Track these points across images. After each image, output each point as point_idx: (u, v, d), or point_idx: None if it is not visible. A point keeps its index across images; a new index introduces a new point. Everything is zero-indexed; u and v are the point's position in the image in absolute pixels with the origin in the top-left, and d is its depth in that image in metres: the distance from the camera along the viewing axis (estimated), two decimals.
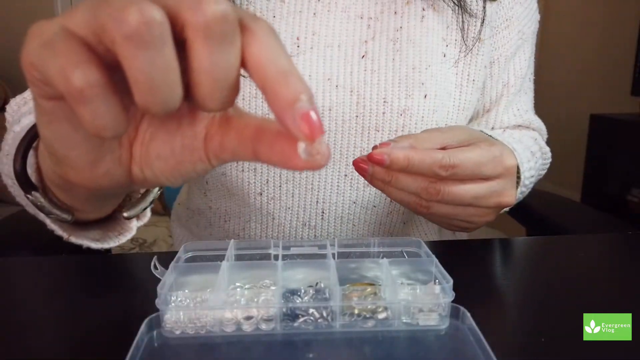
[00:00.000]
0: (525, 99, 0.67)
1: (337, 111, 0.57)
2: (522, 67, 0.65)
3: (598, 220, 0.73)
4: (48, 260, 0.51)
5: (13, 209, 0.66)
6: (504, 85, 0.64)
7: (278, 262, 0.38)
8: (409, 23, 0.58)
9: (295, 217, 0.60)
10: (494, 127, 0.65)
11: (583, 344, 0.33)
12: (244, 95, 0.57)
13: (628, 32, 2.25)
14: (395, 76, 0.57)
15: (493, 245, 0.52)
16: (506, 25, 0.62)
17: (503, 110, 0.64)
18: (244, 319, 0.33)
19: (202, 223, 0.68)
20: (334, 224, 0.61)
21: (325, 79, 0.57)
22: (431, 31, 0.58)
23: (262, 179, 0.59)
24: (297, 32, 0.57)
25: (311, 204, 0.60)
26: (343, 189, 0.59)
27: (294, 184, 0.59)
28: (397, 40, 0.57)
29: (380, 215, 0.61)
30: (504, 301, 0.41)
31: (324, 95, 0.57)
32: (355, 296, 0.34)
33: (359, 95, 0.57)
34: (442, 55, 0.59)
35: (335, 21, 0.57)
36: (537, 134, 0.67)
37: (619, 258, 0.52)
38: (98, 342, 0.34)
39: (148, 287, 0.34)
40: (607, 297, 0.41)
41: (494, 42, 0.62)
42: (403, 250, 0.43)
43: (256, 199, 0.60)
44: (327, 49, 0.57)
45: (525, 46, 0.65)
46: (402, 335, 0.33)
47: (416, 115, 0.57)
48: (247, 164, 0.59)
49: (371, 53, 0.57)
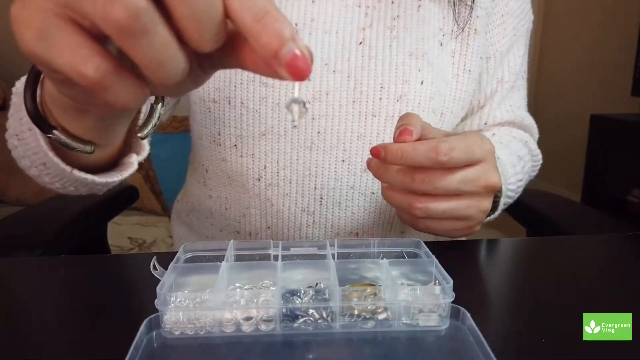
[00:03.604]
0: (518, 96, 0.68)
1: (334, 96, 0.58)
2: (516, 63, 0.66)
3: (598, 220, 0.73)
4: (48, 261, 0.51)
5: (13, 209, 0.67)
6: (498, 82, 0.65)
7: (278, 262, 0.37)
8: (406, 12, 0.59)
9: (294, 204, 0.61)
10: (487, 122, 0.66)
11: (583, 344, 0.33)
12: (242, 80, 0.58)
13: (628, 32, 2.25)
14: (392, 62, 0.58)
15: (493, 245, 0.52)
16: (502, 21, 0.64)
17: (496, 106, 0.65)
18: (243, 319, 0.33)
19: (203, 214, 0.68)
20: (332, 210, 0.61)
21: (323, 64, 0.58)
22: (427, 20, 0.59)
23: (260, 165, 0.60)
24: (295, 18, 0.58)
25: (309, 190, 0.60)
26: (341, 174, 0.59)
27: (292, 170, 0.60)
28: (394, 28, 0.58)
29: (380, 203, 0.61)
30: (504, 301, 0.41)
31: (321, 80, 0.57)
32: (355, 297, 0.34)
33: (356, 81, 0.58)
34: (439, 44, 0.60)
35: (333, 8, 0.58)
36: (528, 135, 0.68)
37: (619, 258, 0.52)
38: (98, 342, 0.34)
39: (147, 287, 0.34)
40: (607, 297, 0.41)
41: (490, 37, 0.63)
42: (403, 250, 0.43)
43: (255, 185, 0.61)
44: (325, 35, 0.58)
45: (519, 43, 0.66)
46: (402, 336, 0.33)
47: (413, 101, 0.58)
48: (246, 150, 0.60)
49: (368, 40, 0.58)
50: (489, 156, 0.46)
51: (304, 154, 0.59)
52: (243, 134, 0.60)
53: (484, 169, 0.45)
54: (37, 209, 0.70)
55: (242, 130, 0.59)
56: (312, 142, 0.59)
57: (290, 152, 0.59)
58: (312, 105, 0.58)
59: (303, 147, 0.59)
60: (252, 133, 0.59)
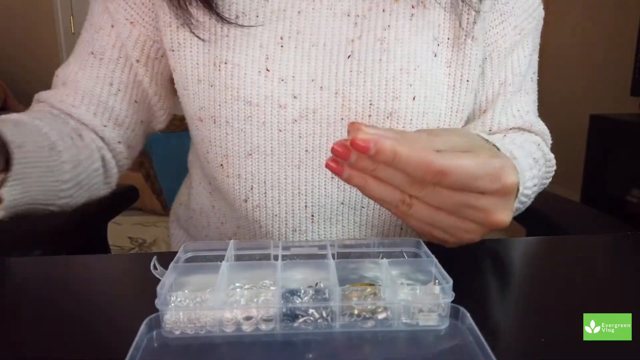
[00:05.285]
0: (527, 100, 0.63)
1: (321, 114, 0.55)
2: (521, 64, 0.62)
3: (598, 220, 0.73)
4: (48, 260, 0.51)
5: None
6: (500, 84, 0.61)
7: (278, 262, 0.38)
8: (397, 22, 0.56)
9: (284, 224, 0.59)
10: (491, 129, 0.61)
11: (583, 344, 0.33)
12: (226, 98, 0.56)
13: (628, 32, 2.25)
14: (382, 77, 0.55)
15: (493, 245, 0.52)
16: (500, 20, 0.60)
17: (500, 111, 0.61)
18: (243, 319, 0.33)
19: (201, 223, 0.67)
20: (324, 226, 0.59)
21: (310, 80, 0.55)
22: (421, 30, 0.56)
23: (246, 186, 0.58)
24: (280, 31, 0.55)
25: (299, 209, 0.58)
26: (331, 191, 0.57)
27: (280, 190, 0.58)
28: (385, 40, 0.55)
29: (371, 216, 0.60)
30: (503, 301, 0.41)
31: (307, 97, 0.55)
32: (355, 296, 0.34)
33: (344, 97, 0.55)
34: (433, 55, 0.56)
35: (320, 19, 0.56)
36: (540, 139, 0.63)
37: (619, 258, 0.52)
38: (98, 342, 0.34)
39: (148, 287, 0.34)
40: (607, 297, 0.41)
41: (487, 38, 0.60)
42: (403, 250, 0.43)
43: (241, 206, 0.59)
44: (312, 48, 0.55)
45: (525, 42, 0.62)
46: (402, 336, 0.33)
47: (404, 118, 0.55)
48: (232, 170, 0.58)
49: (357, 53, 0.55)
50: (504, 191, 0.39)
51: (292, 173, 0.57)
52: (229, 153, 0.58)
53: (492, 203, 0.39)
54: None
55: (227, 149, 0.58)
56: (300, 161, 0.57)
57: (277, 172, 0.57)
58: (299, 124, 0.55)
59: (291, 166, 0.57)
60: (237, 153, 0.57)
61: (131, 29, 0.59)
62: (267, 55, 0.55)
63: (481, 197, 0.38)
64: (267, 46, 0.55)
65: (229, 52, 0.55)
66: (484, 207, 0.39)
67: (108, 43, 0.60)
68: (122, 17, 0.59)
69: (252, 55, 0.55)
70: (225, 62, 0.55)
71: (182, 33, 0.56)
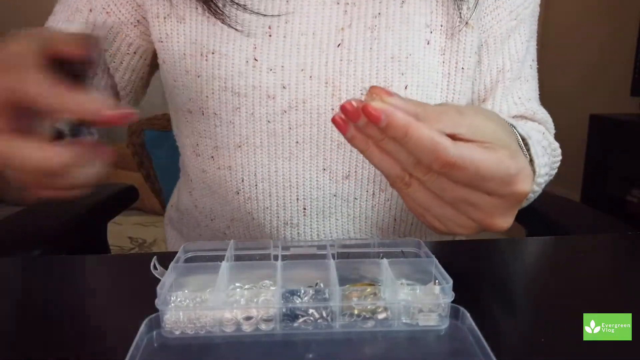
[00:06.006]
0: (527, 87, 0.62)
1: (311, 104, 0.54)
2: (519, 50, 0.61)
3: (598, 220, 0.73)
4: (48, 260, 0.51)
5: (13, 209, 0.66)
6: (498, 71, 0.60)
7: (278, 262, 0.38)
8: (388, 9, 0.55)
9: (276, 217, 0.58)
10: None
11: (583, 344, 0.33)
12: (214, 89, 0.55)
13: (628, 32, 2.25)
14: (373, 66, 0.54)
15: (493, 245, 0.52)
16: (495, 6, 0.59)
17: (501, 98, 0.60)
18: (243, 319, 0.33)
19: (191, 223, 0.67)
20: (317, 220, 0.58)
21: (299, 69, 0.54)
22: (412, 17, 0.55)
23: (237, 177, 0.58)
24: (269, 20, 0.54)
25: (291, 201, 0.57)
26: (322, 183, 0.57)
27: (270, 183, 0.57)
28: (375, 28, 0.54)
29: (364, 208, 0.59)
30: (503, 301, 0.41)
31: (297, 87, 0.54)
32: (354, 296, 0.34)
33: (335, 87, 0.54)
34: (426, 43, 0.55)
35: (309, 7, 0.55)
36: (544, 127, 0.61)
37: (619, 258, 0.52)
38: (98, 342, 0.34)
39: (148, 287, 0.34)
40: (607, 297, 0.41)
41: (483, 24, 0.59)
42: (403, 250, 0.43)
43: (234, 198, 0.59)
44: (302, 37, 0.54)
45: (522, 28, 0.61)
46: (402, 336, 0.33)
47: None
48: (222, 162, 0.58)
49: (347, 42, 0.54)
50: (513, 198, 0.36)
51: (283, 165, 0.56)
52: (218, 145, 0.57)
53: (495, 206, 0.36)
54: (37, 209, 0.70)
55: (217, 141, 0.57)
56: (290, 153, 0.56)
57: (267, 164, 0.56)
58: (289, 115, 0.54)
59: (281, 158, 0.56)
60: (227, 144, 0.57)
61: (106, 18, 0.59)
62: (255, 45, 0.54)
63: (485, 197, 0.36)
64: (254, 35, 0.54)
65: (215, 42, 0.54)
66: (485, 208, 0.36)
67: (81, 26, 0.59)
68: (99, 5, 0.59)
69: (240, 44, 0.54)
70: (212, 52, 0.54)
71: (169, 24, 0.56)
